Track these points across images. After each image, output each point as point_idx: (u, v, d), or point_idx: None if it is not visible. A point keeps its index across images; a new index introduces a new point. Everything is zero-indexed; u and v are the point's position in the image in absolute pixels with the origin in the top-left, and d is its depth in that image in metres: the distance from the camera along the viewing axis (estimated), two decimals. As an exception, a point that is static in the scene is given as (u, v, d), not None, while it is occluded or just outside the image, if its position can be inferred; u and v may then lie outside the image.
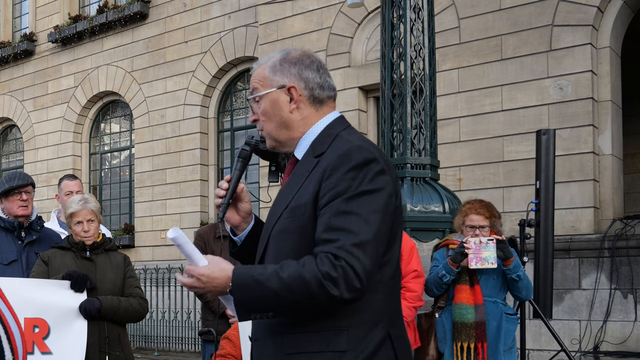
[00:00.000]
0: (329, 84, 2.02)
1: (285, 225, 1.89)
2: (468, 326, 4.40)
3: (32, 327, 3.66)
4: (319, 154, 1.92)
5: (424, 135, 5.34)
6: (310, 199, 1.85)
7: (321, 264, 1.73)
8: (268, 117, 1.99)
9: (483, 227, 4.49)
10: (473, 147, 8.84)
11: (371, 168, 1.82)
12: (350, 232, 1.75)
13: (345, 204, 1.78)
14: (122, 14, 13.44)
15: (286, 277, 1.74)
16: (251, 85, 2.04)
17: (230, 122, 12.89)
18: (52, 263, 3.90)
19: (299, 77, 1.98)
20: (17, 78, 15.59)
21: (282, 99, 1.97)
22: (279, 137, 2.01)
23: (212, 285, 1.82)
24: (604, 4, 8.29)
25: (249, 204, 2.14)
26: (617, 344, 7.77)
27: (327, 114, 2.01)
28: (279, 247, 1.90)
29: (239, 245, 2.17)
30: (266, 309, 1.78)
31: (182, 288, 11.63)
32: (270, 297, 1.75)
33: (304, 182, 1.90)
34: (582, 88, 8.19)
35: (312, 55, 2.04)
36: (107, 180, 14.61)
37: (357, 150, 1.84)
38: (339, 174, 1.81)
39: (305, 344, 1.82)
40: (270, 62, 2.01)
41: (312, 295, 1.73)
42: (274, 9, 10.89)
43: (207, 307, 4.94)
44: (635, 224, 7.94)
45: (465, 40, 8.98)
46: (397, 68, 5.38)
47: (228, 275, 1.81)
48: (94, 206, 4.01)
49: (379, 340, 1.82)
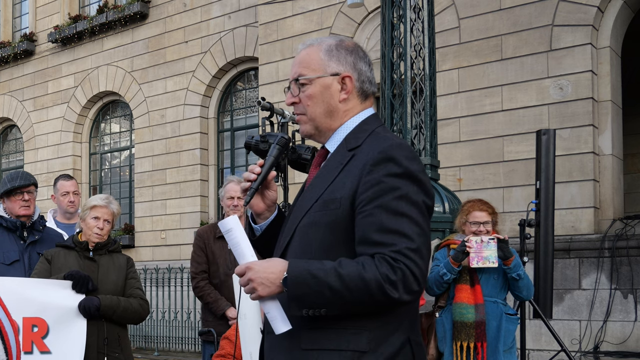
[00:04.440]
0: (375, 80, 2.00)
1: (315, 218, 1.85)
2: (468, 326, 4.41)
3: (31, 327, 3.65)
4: (353, 148, 1.88)
5: (424, 135, 5.34)
6: (347, 193, 1.81)
7: (380, 267, 1.71)
8: (314, 102, 1.93)
9: (487, 222, 4.52)
10: (473, 147, 8.84)
11: (414, 167, 1.80)
12: (405, 236, 1.74)
13: (395, 204, 1.76)
14: (122, 14, 13.44)
15: (345, 275, 1.71)
16: (296, 66, 1.96)
17: (230, 122, 12.89)
18: (54, 262, 3.89)
19: (354, 68, 1.94)
20: (17, 78, 15.59)
21: (334, 86, 1.92)
22: (321, 124, 1.95)
23: (264, 276, 1.76)
24: (604, 4, 8.29)
25: (275, 193, 2.09)
26: (617, 344, 7.77)
27: (367, 108, 1.98)
28: (306, 240, 1.86)
29: (258, 234, 2.11)
30: (321, 305, 1.73)
31: (182, 288, 11.64)
32: (326, 293, 1.71)
33: (337, 175, 1.86)
34: (582, 88, 8.19)
35: (363, 48, 2.01)
36: (107, 180, 14.61)
37: (399, 147, 1.81)
38: (382, 171, 1.78)
39: (323, 341, 1.79)
40: (324, 45, 1.95)
41: (371, 296, 1.71)
42: (274, 9, 10.89)
43: (207, 307, 4.94)
44: (635, 224, 7.94)
45: (465, 40, 8.99)
46: (397, 68, 5.38)
47: (283, 267, 1.76)
48: (116, 209, 4.01)
49: (400, 344, 1.81)
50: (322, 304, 1.73)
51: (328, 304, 1.73)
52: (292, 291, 1.74)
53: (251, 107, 12.62)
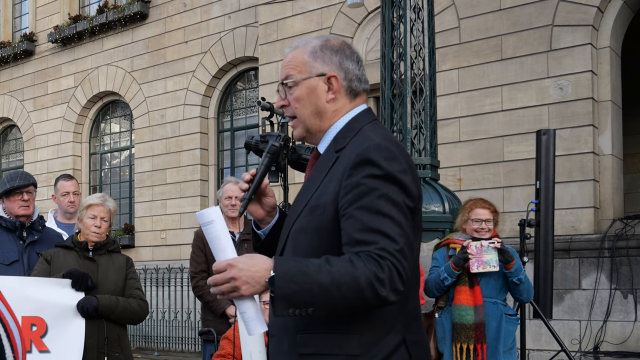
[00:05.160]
0: (365, 77, 1.98)
1: (303, 224, 1.85)
2: (467, 327, 4.40)
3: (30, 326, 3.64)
4: (339, 149, 1.88)
5: (424, 135, 5.33)
6: (330, 198, 1.81)
7: (368, 264, 1.67)
8: (302, 104, 1.93)
9: (489, 220, 4.51)
10: (473, 147, 8.83)
11: (393, 167, 1.77)
12: (388, 237, 1.71)
13: (376, 204, 1.73)
14: (122, 14, 13.44)
15: (335, 271, 1.66)
16: (284, 68, 1.96)
17: (230, 122, 12.89)
18: (54, 262, 3.89)
19: (340, 67, 1.92)
20: (17, 78, 15.59)
21: (320, 87, 1.91)
22: (311, 126, 1.95)
23: (249, 274, 1.68)
24: (604, 4, 8.29)
25: (273, 198, 2.09)
26: (617, 344, 7.77)
27: (358, 106, 1.96)
28: (296, 246, 1.86)
29: (262, 239, 2.11)
30: (309, 304, 1.67)
31: (182, 288, 11.63)
32: (315, 290, 1.65)
33: (323, 179, 1.86)
34: (582, 88, 8.19)
35: (351, 46, 1.99)
36: (107, 180, 14.61)
37: (377, 149, 1.79)
38: (361, 173, 1.76)
39: (318, 346, 1.78)
40: (309, 46, 1.94)
41: (360, 293, 1.67)
42: (274, 9, 10.89)
43: (207, 307, 4.94)
44: (635, 224, 7.93)
45: (465, 40, 8.98)
46: (397, 68, 5.37)
47: (268, 265, 1.69)
48: (112, 207, 4.02)
49: (394, 346, 1.79)
50: (311, 302, 1.67)
51: (317, 302, 1.67)
52: (279, 289, 1.66)
53: (251, 107, 12.62)
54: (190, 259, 5.03)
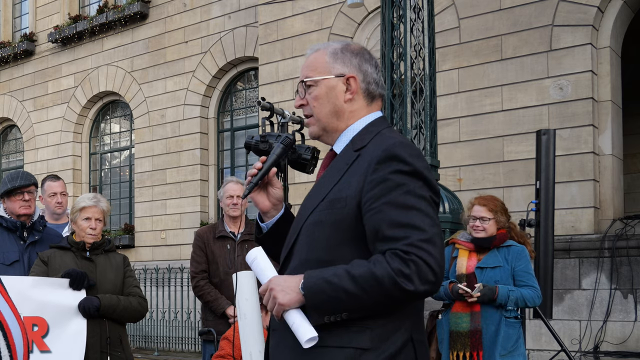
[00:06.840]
0: (382, 82, 2.04)
1: (321, 217, 1.88)
2: (463, 335, 4.38)
3: (31, 326, 3.64)
4: (359, 148, 1.92)
5: (424, 136, 5.34)
6: (352, 193, 1.84)
7: (392, 262, 1.73)
8: (320, 103, 1.98)
9: (484, 218, 4.46)
10: (473, 147, 8.84)
11: (419, 164, 1.82)
12: (417, 228, 1.76)
13: (403, 199, 1.78)
14: (122, 14, 13.44)
15: (358, 276, 1.73)
16: (304, 69, 2.02)
17: (230, 122, 12.90)
18: (51, 263, 3.88)
19: (359, 69, 1.99)
20: (17, 78, 15.60)
21: (339, 87, 1.97)
22: (327, 124, 1.99)
23: (284, 284, 1.82)
24: (604, 4, 8.29)
25: (280, 191, 2.13)
26: (617, 344, 7.77)
27: (375, 111, 2.02)
28: (312, 239, 1.89)
29: (265, 232, 2.15)
30: (340, 310, 1.77)
31: (182, 288, 11.65)
32: (343, 297, 1.74)
33: (343, 175, 1.89)
34: (582, 88, 8.19)
35: (370, 52, 2.06)
36: (107, 180, 14.62)
37: (403, 145, 1.84)
38: (387, 168, 1.81)
39: (326, 339, 1.81)
40: (330, 48, 2.01)
41: (387, 293, 1.73)
42: (274, 9, 10.89)
43: (207, 307, 4.94)
44: (635, 224, 7.94)
45: (465, 40, 8.99)
46: (397, 68, 5.38)
47: (299, 278, 1.80)
48: (105, 206, 4.02)
49: (402, 343, 1.82)
50: (342, 308, 1.76)
51: (347, 308, 1.76)
52: (310, 301, 1.77)
53: (251, 107, 12.62)
54: (191, 259, 5.03)
